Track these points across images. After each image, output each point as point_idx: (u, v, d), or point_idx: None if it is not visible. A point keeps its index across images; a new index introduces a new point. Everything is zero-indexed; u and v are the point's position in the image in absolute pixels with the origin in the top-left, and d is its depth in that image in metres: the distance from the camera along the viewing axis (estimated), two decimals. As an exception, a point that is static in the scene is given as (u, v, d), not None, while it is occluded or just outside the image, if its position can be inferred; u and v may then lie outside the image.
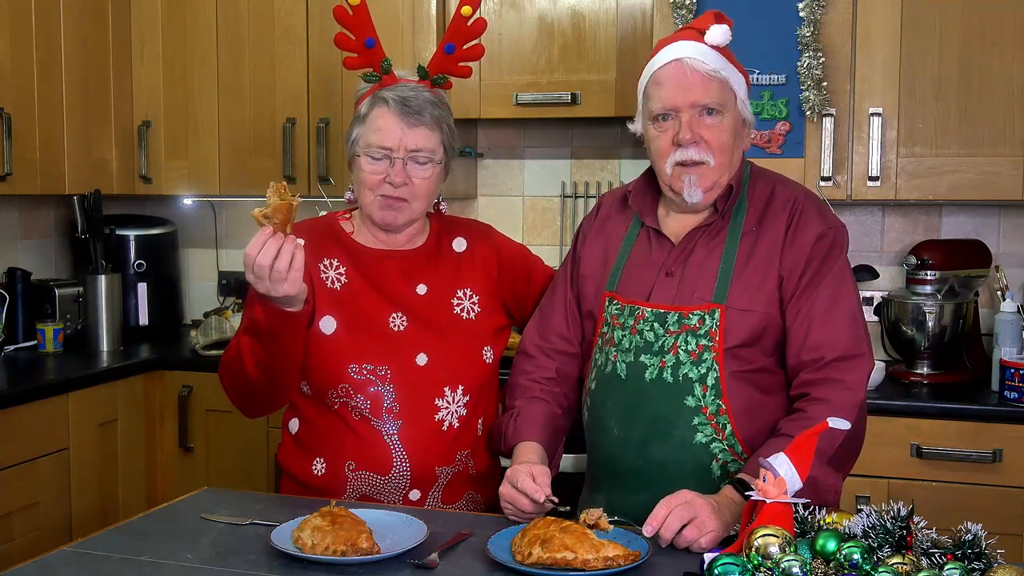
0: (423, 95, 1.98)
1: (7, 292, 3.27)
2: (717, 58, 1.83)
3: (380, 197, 1.97)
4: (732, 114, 1.85)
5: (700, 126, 1.82)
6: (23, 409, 2.72)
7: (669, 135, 1.84)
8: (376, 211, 1.99)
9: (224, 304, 3.73)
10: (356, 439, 1.95)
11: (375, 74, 2.01)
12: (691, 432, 1.81)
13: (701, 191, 1.85)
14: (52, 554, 1.63)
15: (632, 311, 1.89)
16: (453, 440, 1.98)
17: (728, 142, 1.84)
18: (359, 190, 2.01)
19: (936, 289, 2.86)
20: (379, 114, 1.97)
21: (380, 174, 1.96)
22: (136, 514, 1.85)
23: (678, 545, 1.61)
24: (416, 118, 1.96)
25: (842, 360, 1.79)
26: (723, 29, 1.82)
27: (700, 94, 1.81)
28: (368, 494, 1.95)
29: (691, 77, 1.81)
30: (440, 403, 1.97)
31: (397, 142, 1.95)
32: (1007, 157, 2.71)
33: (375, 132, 1.96)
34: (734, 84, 1.84)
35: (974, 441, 2.56)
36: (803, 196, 1.91)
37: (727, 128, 1.84)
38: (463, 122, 3.33)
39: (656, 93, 1.85)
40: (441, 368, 1.98)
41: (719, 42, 1.82)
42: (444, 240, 2.11)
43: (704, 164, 1.83)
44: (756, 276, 1.83)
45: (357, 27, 2.00)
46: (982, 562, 1.34)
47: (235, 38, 3.39)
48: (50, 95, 3.15)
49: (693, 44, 1.83)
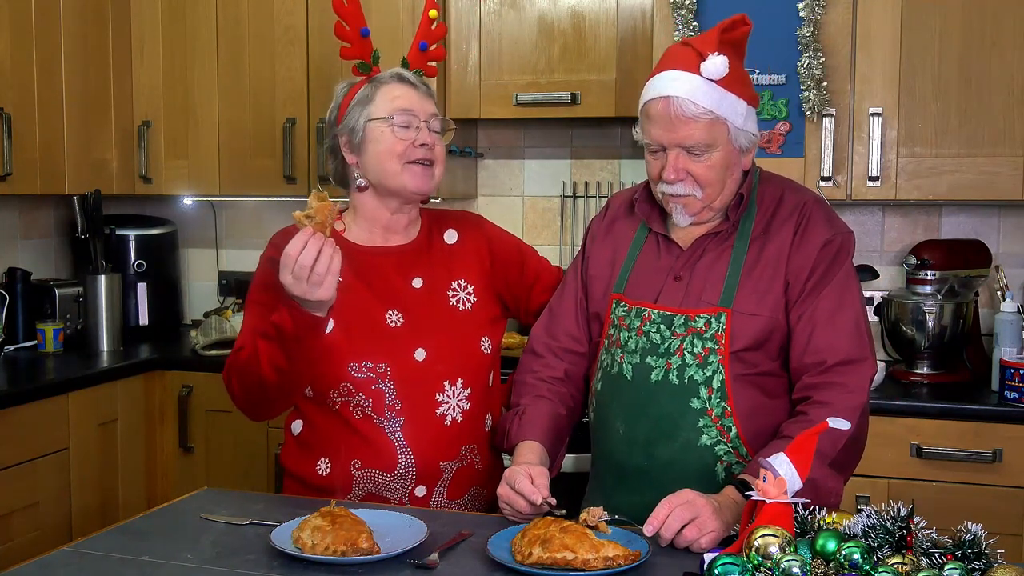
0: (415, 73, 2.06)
1: (7, 292, 3.27)
2: (709, 93, 1.79)
3: (409, 164, 1.97)
4: (722, 149, 1.82)
5: (687, 163, 1.82)
6: (23, 409, 2.72)
7: (658, 164, 1.85)
8: (408, 178, 1.98)
9: (224, 304, 3.73)
10: (360, 438, 1.95)
11: (367, 64, 2.05)
12: (696, 434, 1.82)
13: (689, 216, 1.87)
14: (52, 554, 1.63)
15: (639, 313, 1.89)
16: (457, 435, 1.98)
17: (716, 176, 1.83)
18: (383, 163, 1.98)
19: (936, 289, 2.86)
20: (390, 88, 2.00)
21: (408, 139, 1.97)
22: (136, 514, 1.85)
23: (678, 545, 1.61)
24: (425, 88, 2.03)
25: (844, 364, 1.79)
26: (718, 63, 1.78)
27: (684, 137, 1.80)
28: (374, 492, 1.95)
29: (677, 120, 1.79)
30: (440, 397, 1.97)
31: (419, 107, 1.99)
32: (1007, 157, 2.71)
33: (391, 100, 1.98)
34: (728, 116, 1.81)
35: (974, 441, 2.56)
36: (812, 202, 1.91)
37: (715, 164, 1.82)
38: (463, 122, 3.34)
39: (646, 126, 1.85)
40: (439, 362, 1.98)
41: (714, 76, 1.79)
42: (435, 233, 2.11)
43: (691, 196, 1.84)
44: (763, 280, 1.84)
45: (352, 17, 2.05)
46: (982, 562, 1.34)
47: (235, 38, 3.39)
48: (50, 95, 3.15)
49: (687, 78, 1.79)
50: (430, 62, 2.12)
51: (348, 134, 2.01)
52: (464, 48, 3.23)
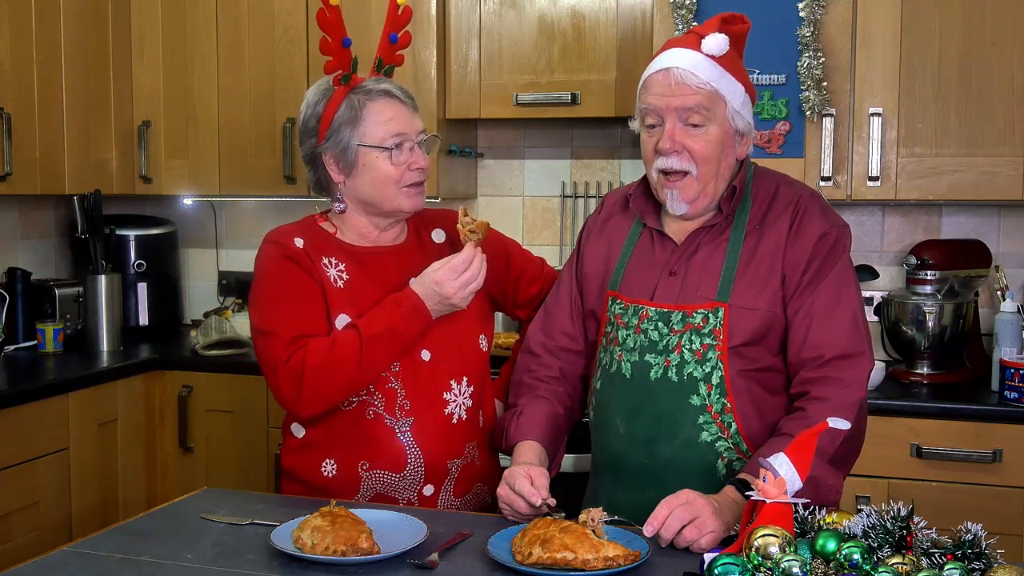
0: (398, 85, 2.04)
1: (7, 292, 3.27)
2: (710, 68, 1.81)
3: (407, 187, 1.98)
4: (720, 125, 1.82)
5: (684, 135, 1.82)
6: (23, 409, 2.72)
7: (654, 140, 1.85)
8: (404, 201, 1.99)
9: (224, 304, 3.73)
10: (370, 438, 1.95)
11: (347, 75, 2.00)
12: (696, 431, 1.81)
13: (684, 203, 1.86)
14: (52, 554, 1.63)
15: (636, 310, 1.89)
16: (463, 432, 2.00)
17: (713, 153, 1.83)
18: (375, 190, 1.98)
19: (936, 289, 2.86)
20: (381, 106, 1.97)
21: (403, 165, 1.97)
22: (136, 514, 1.86)
23: (678, 545, 1.61)
24: (412, 103, 2.02)
25: (842, 358, 1.79)
26: (719, 39, 1.80)
27: (683, 100, 1.80)
28: (383, 492, 1.95)
29: (676, 87, 1.80)
30: (448, 396, 1.98)
31: (409, 127, 1.98)
32: (1007, 157, 2.71)
33: (384, 124, 1.96)
34: (726, 94, 1.82)
35: (974, 441, 2.56)
36: (807, 195, 1.91)
37: (712, 139, 1.82)
38: (463, 122, 3.34)
39: (644, 97, 1.86)
40: (445, 361, 1.99)
41: (715, 52, 1.81)
42: (423, 233, 2.12)
43: (687, 174, 1.84)
44: (759, 274, 1.84)
45: (334, 29, 2.01)
46: (982, 562, 1.34)
47: (235, 38, 3.39)
48: (50, 95, 3.15)
49: (688, 53, 1.82)
50: (399, 51, 2.08)
51: (337, 154, 1.98)
52: (464, 48, 3.23)
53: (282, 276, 1.96)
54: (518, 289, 2.16)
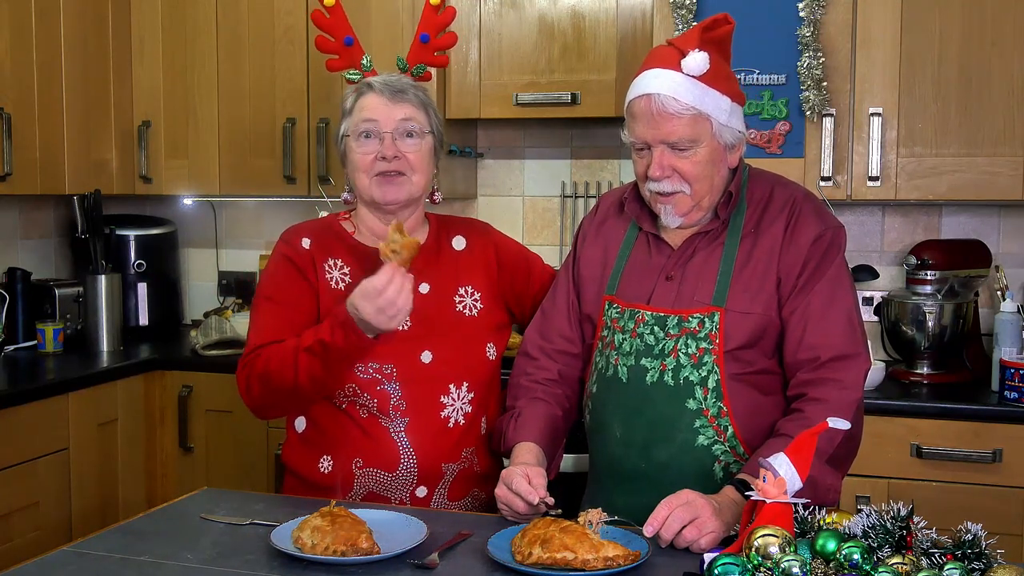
0: (404, 80, 2.04)
1: (7, 292, 3.27)
2: (691, 89, 1.78)
3: (376, 176, 1.99)
4: (707, 144, 1.82)
5: (672, 159, 1.82)
6: (23, 409, 2.72)
7: (644, 163, 1.85)
8: (376, 190, 2.00)
9: (224, 304, 3.73)
10: (363, 437, 1.95)
11: (358, 72, 2.04)
12: (693, 434, 1.81)
13: (679, 216, 1.86)
14: (52, 554, 1.63)
15: (632, 315, 1.89)
16: (459, 437, 1.99)
17: (703, 171, 1.82)
18: (354, 178, 2.02)
19: (936, 289, 2.86)
20: (365, 99, 2.01)
21: (371, 153, 1.98)
22: (136, 514, 1.86)
23: (678, 545, 1.61)
24: (400, 95, 2.00)
25: (838, 360, 1.79)
26: (698, 59, 1.78)
27: (668, 133, 1.80)
28: (375, 491, 1.96)
29: (659, 117, 1.79)
30: (446, 400, 1.98)
31: (384, 116, 1.98)
32: (1007, 157, 2.71)
33: (359, 113, 1.99)
34: (711, 112, 1.80)
35: (974, 441, 2.56)
36: (801, 197, 1.91)
37: (701, 159, 1.82)
38: (463, 122, 3.34)
39: (630, 124, 1.86)
40: (446, 365, 1.99)
41: (695, 73, 1.79)
42: (443, 239, 2.12)
43: (679, 193, 1.84)
44: (755, 278, 1.84)
45: (335, 28, 2.02)
46: (982, 562, 1.34)
47: (235, 38, 3.39)
48: (50, 95, 3.15)
49: (668, 75, 1.79)
50: (438, 52, 2.08)
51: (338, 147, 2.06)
52: (464, 48, 3.23)
53: (276, 277, 2.01)
54: (536, 304, 2.15)
